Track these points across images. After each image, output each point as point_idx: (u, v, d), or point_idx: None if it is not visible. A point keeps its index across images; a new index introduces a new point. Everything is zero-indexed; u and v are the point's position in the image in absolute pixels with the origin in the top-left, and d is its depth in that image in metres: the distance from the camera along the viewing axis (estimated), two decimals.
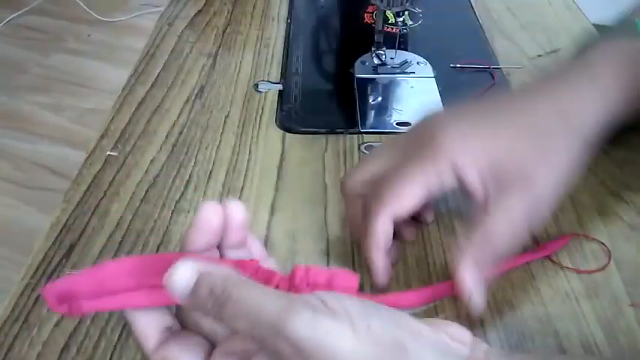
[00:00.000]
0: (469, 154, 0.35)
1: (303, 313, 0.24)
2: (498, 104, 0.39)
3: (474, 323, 0.36)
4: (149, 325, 0.28)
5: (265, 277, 0.29)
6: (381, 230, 0.36)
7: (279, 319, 0.24)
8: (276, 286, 0.28)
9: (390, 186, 0.36)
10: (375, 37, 0.61)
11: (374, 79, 0.60)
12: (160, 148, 0.51)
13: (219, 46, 0.65)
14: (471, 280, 0.34)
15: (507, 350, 0.35)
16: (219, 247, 0.31)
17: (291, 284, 0.29)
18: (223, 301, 0.25)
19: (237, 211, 0.30)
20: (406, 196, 0.35)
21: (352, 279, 0.29)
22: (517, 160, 0.35)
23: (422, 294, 0.36)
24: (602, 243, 0.41)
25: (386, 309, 0.26)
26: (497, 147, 0.36)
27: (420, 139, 0.37)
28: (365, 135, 0.52)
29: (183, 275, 0.26)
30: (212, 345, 0.29)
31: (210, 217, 0.29)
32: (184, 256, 0.27)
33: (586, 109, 0.37)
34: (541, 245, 0.41)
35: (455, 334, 0.27)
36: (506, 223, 0.34)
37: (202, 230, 0.29)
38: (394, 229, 0.37)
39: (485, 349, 0.28)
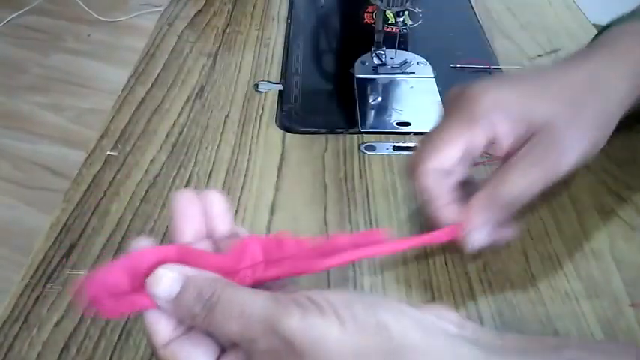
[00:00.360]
0: (505, 110, 0.37)
1: (294, 310, 0.24)
2: (534, 74, 0.41)
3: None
4: (162, 319, 0.27)
5: (296, 244, 0.29)
6: (428, 173, 0.38)
7: (272, 316, 0.24)
8: (308, 254, 0.29)
9: (432, 136, 0.38)
10: (375, 37, 0.61)
11: (374, 79, 0.60)
12: (160, 148, 0.51)
13: (219, 46, 0.65)
14: (478, 219, 0.36)
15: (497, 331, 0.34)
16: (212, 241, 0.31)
17: (323, 251, 0.29)
18: (213, 303, 0.25)
19: (216, 199, 0.30)
20: (445, 145, 0.37)
21: (376, 232, 0.31)
22: (548, 119, 0.37)
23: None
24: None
25: (369, 295, 0.26)
26: (532, 106, 0.37)
27: (459, 101, 0.39)
28: (365, 135, 0.52)
29: (166, 280, 0.26)
30: (222, 349, 0.28)
31: (184, 204, 0.29)
32: (187, 247, 0.28)
33: (616, 86, 0.39)
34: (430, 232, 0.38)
35: (442, 314, 0.27)
36: (524, 173, 0.36)
37: (181, 219, 0.29)
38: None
39: (473, 328, 0.27)
